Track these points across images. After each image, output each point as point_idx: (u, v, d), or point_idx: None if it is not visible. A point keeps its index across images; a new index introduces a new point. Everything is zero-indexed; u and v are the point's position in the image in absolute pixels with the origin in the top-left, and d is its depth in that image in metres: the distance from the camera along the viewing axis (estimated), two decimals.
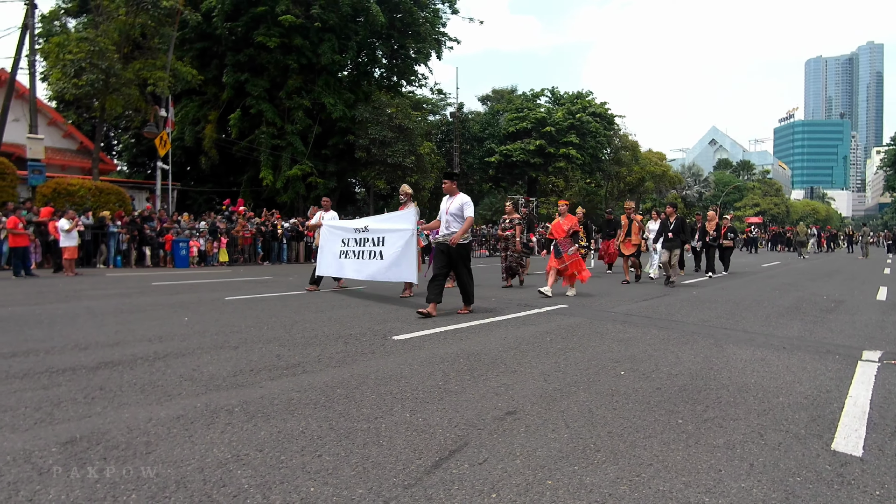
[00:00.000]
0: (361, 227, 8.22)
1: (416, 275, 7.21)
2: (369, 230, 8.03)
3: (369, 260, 8.01)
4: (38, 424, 2.69)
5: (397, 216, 7.89)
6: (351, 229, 8.46)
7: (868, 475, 2.30)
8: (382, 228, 7.86)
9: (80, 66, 16.67)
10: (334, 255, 8.79)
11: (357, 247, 8.26)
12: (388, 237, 7.63)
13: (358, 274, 8.24)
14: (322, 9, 23.38)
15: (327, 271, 8.95)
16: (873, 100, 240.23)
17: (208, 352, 4.34)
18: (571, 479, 2.20)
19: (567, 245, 8.62)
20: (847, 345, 5.06)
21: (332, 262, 8.87)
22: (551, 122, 36.84)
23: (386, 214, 8.08)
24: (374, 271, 7.90)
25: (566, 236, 8.65)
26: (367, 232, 8.07)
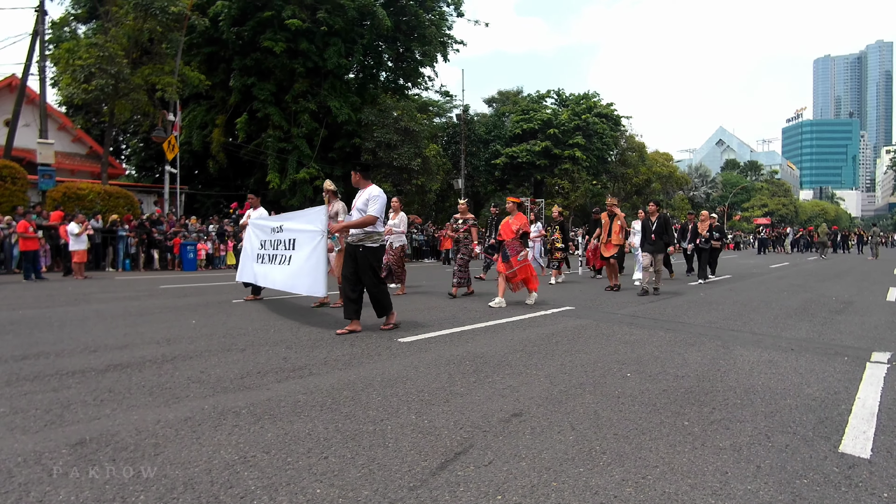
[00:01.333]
0: (277, 227, 6.97)
1: (323, 287, 5.81)
2: (283, 230, 6.79)
3: (277, 265, 6.82)
4: (49, 426, 2.73)
5: (308, 214, 6.51)
6: (269, 229, 7.23)
7: (876, 477, 2.28)
8: (295, 229, 6.54)
9: (90, 71, 16.85)
10: (251, 258, 7.68)
11: (271, 249, 7.09)
12: (298, 239, 6.39)
13: (265, 280, 7.19)
14: (328, 13, 23.50)
15: (244, 276, 7.85)
16: (882, 99, 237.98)
17: (216, 354, 4.37)
18: (577, 481, 2.20)
19: (516, 248, 7.69)
20: (856, 346, 5.02)
21: (248, 267, 7.77)
22: (557, 123, 36.78)
23: (301, 211, 6.93)
24: (278, 279, 6.77)
25: (515, 238, 7.75)
26: (280, 232, 6.85)
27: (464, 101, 52.98)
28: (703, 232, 12.49)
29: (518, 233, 7.77)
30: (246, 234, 8.07)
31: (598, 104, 39.06)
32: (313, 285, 5.93)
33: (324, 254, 5.91)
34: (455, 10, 29.16)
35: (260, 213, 8.24)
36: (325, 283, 5.82)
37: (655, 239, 9.27)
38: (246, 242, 8.02)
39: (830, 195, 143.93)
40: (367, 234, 5.34)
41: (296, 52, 24.03)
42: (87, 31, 23.99)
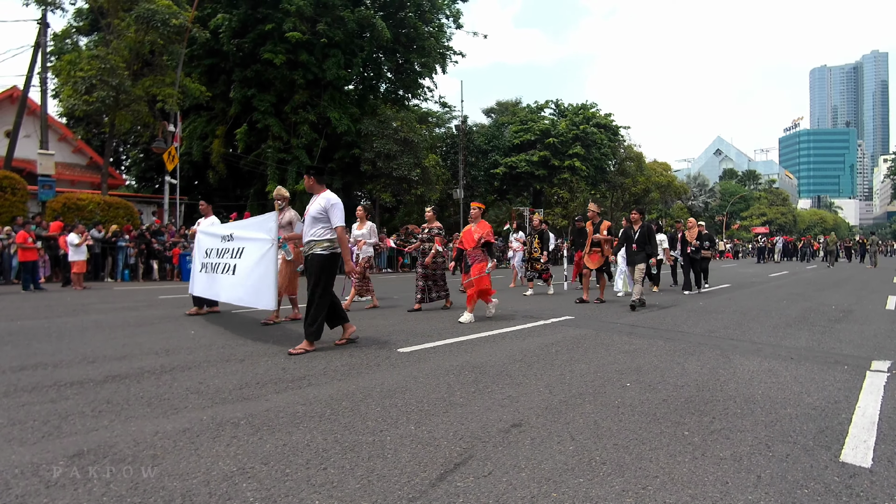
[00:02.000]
0: (227, 235, 6.58)
1: (273, 299, 5.41)
2: (234, 239, 6.38)
3: (221, 274, 6.46)
4: (46, 437, 2.72)
5: (257, 222, 6.12)
6: (219, 237, 6.85)
7: (877, 487, 2.27)
8: (245, 237, 6.14)
9: (91, 83, 16.96)
10: (196, 268, 7.42)
11: (216, 258, 6.73)
12: (247, 248, 6.00)
13: (209, 292, 6.87)
14: (328, 25, 23.72)
15: (192, 288, 7.49)
16: (879, 108, 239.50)
17: (214, 365, 4.36)
18: (577, 492, 2.19)
19: (477, 258, 7.16)
20: (856, 355, 5.01)
21: (195, 278, 7.45)
22: (556, 133, 36.99)
23: (251, 219, 6.50)
24: (223, 290, 6.41)
25: (476, 247, 7.18)
26: (230, 241, 6.44)
27: (463, 111, 53.26)
28: (692, 240, 11.86)
29: (480, 241, 7.19)
30: (195, 243, 7.67)
31: (596, 114, 39.32)
32: (262, 298, 5.54)
33: (273, 264, 5.46)
34: (454, 22, 29.46)
35: (211, 220, 7.74)
36: (276, 295, 5.46)
37: (637, 249, 8.63)
38: (195, 251, 7.64)
39: (828, 204, 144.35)
40: (315, 241, 4.95)
41: (296, 64, 24.22)
42: (88, 43, 24.19)
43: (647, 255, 8.60)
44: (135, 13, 17.67)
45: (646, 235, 8.64)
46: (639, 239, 8.64)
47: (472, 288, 7.05)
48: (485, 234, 7.18)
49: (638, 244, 8.63)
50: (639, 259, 8.59)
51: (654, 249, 8.79)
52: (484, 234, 7.19)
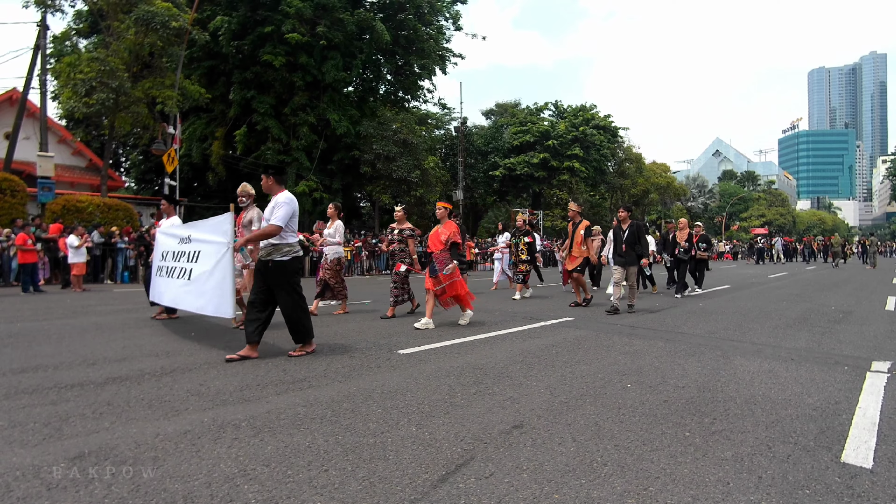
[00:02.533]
0: (185, 237, 6.14)
1: (230, 307, 5.08)
2: (191, 241, 5.97)
3: (176, 279, 6.08)
4: (47, 440, 2.71)
5: (213, 223, 5.72)
6: (177, 238, 6.38)
7: (878, 487, 2.28)
8: (202, 239, 5.75)
9: (91, 85, 16.97)
10: (153, 272, 7.00)
11: (172, 261, 6.33)
12: (203, 252, 5.64)
13: (164, 298, 6.51)
14: (328, 27, 23.75)
15: (151, 294, 7.07)
16: (877, 109, 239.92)
17: (215, 367, 4.36)
18: (578, 493, 2.19)
19: (444, 261, 6.66)
20: (856, 356, 5.01)
21: (153, 283, 7.02)
22: (555, 135, 37.03)
23: (209, 219, 6.06)
24: (177, 296, 6.06)
25: (444, 249, 6.70)
26: (188, 243, 6.02)
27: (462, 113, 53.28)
28: (682, 241, 11.29)
29: (447, 243, 6.72)
30: (155, 244, 7.24)
31: (595, 116, 39.37)
32: (219, 306, 5.18)
33: (230, 269, 5.12)
34: (453, 24, 29.51)
35: (172, 221, 7.24)
36: (234, 303, 5.16)
37: (626, 250, 8.16)
38: (154, 255, 7.21)
39: (828, 205, 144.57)
40: (274, 246, 4.71)
41: (295, 66, 24.24)
42: (88, 45, 24.20)
43: (638, 256, 8.16)
44: (134, 15, 17.68)
45: (635, 235, 8.19)
46: (628, 239, 8.18)
47: (445, 294, 6.62)
48: (451, 235, 6.72)
49: (627, 244, 8.16)
50: (629, 261, 8.15)
51: (645, 249, 8.32)
52: (450, 234, 6.73)
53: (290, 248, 4.78)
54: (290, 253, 4.77)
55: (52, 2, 17.94)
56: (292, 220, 4.81)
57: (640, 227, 8.32)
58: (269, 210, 4.84)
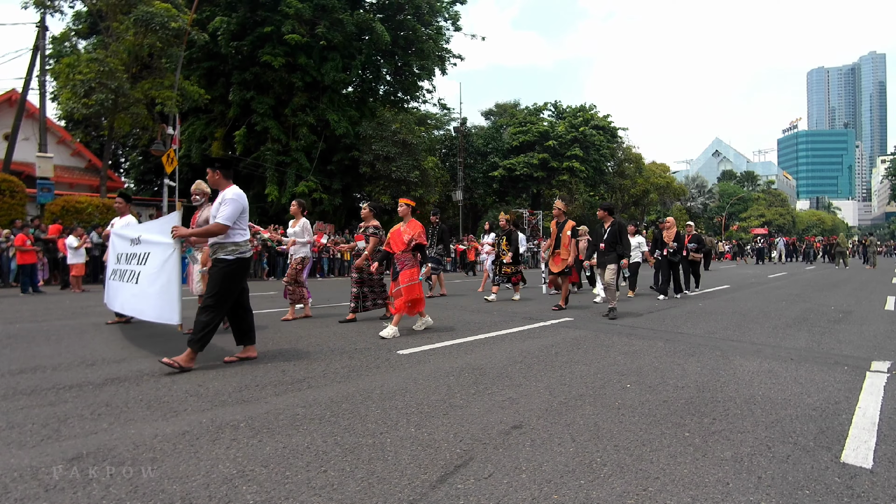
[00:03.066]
0: (136, 237, 5.77)
1: (176, 312, 4.78)
2: (141, 242, 5.61)
3: (125, 283, 5.79)
4: (45, 441, 2.71)
5: (161, 223, 5.57)
6: (128, 239, 6.01)
7: (878, 487, 2.27)
8: (151, 241, 5.42)
9: (90, 86, 16.95)
10: (108, 275, 6.69)
11: (125, 264, 5.99)
12: (152, 253, 5.32)
13: (115, 303, 6.23)
14: (327, 28, 23.75)
15: (105, 297, 6.78)
16: (877, 109, 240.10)
17: (213, 367, 4.35)
18: (578, 494, 2.18)
19: (406, 263, 6.14)
20: (855, 355, 5.01)
21: (107, 286, 6.71)
22: (554, 135, 37.03)
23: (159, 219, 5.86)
24: (126, 301, 5.76)
25: (406, 250, 6.17)
26: (138, 245, 5.67)
27: (461, 113, 53.28)
28: (669, 241, 10.67)
29: (410, 244, 6.19)
30: (109, 246, 6.86)
31: (594, 116, 39.37)
32: (163, 311, 4.94)
33: (176, 273, 4.87)
34: (452, 25, 29.52)
35: (126, 220, 6.78)
36: (180, 308, 4.81)
37: (606, 249, 7.83)
38: (107, 256, 6.88)
39: (827, 205, 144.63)
40: (219, 244, 4.42)
41: (294, 67, 24.25)
42: (87, 46, 24.19)
43: (619, 256, 7.76)
44: (133, 16, 17.67)
45: (616, 234, 7.82)
46: (608, 238, 7.86)
47: (401, 298, 6.06)
48: (416, 236, 6.19)
49: (607, 244, 7.84)
50: (609, 260, 7.79)
51: (626, 250, 7.87)
52: (415, 234, 6.20)
53: (235, 247, 4.43)
54: (235, 252, 4.41)
55: (51, 3, 17.93)
56: (241, 218, 4.49)
57: (621, 226, 7.92)
58: (216, 206, 4.48)
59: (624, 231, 7.91)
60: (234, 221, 4.41)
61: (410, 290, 6.06)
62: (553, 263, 8.87)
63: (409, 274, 6.11)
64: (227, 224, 4.37)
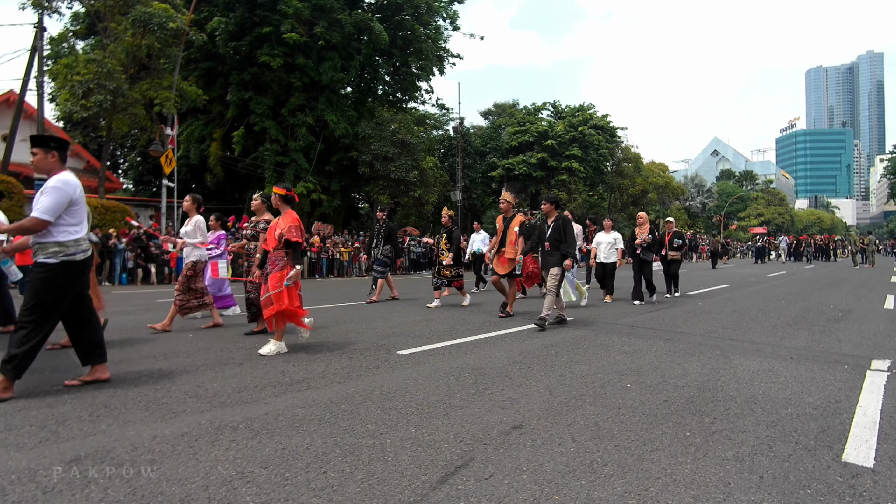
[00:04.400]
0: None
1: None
2: None
3: None
4: (43, 443, 2.69)
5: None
6: None
7: (880, 486, 2.27)
8: None
9: (88, 86, 16.93)
10: None
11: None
12: None
13: None
14: (326, 28, 23.73)
15: None
16: (875, 108, 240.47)
17: (212, 368, 4.34)
18: (579, 494, 2.17)
19: (276, 262, 5.09)
20: (855, 354, 5.01)
21: None
22: (553, 135, 37.03)
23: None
24: None
25: (277, 247, 5.11)
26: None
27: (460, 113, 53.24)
28: (640, 238, 9.49)
29: (281, 240, 5.07)
30: None
31: (593, 116, 39.38)
32: None
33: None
34: (451, 25, 29.48)
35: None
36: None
37: (551, 249, 6.71)
38: None
39: (826, 204, 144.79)
40: (40, 244, 3.58)
41: (293, 67, 24.22)
42: (85, 46, 24.17)
43: (563, 256, 6.61)
44: (132, 17, 17.64)
45: (560, 231, 6.68)
46: (552, 235, 6.72)
47: (270, 308, 4.96)
48: (286, 231, 5.05)
49: (551, 243, 6.72)
50: (552, 261, 6.67)
51: (571, 248, 6.67)
52: (285, 229, 5.06)
53: (59, 248, 3.57)
54: (59, 255, 3.56)
55: (48, 3, 17.90)
56: (70, 212, 3.63)
57: (566, 221, 6.79)
58: (36, 197, 3.59)
59: (569, 227, 6.75)
60: (56, 215, 3.53)
61: (279, 298, 4.95)
62: (498, 264, 7.71)
63: (277, 278, 5.02)
64: (45, 219, 3.48)
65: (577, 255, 7.17)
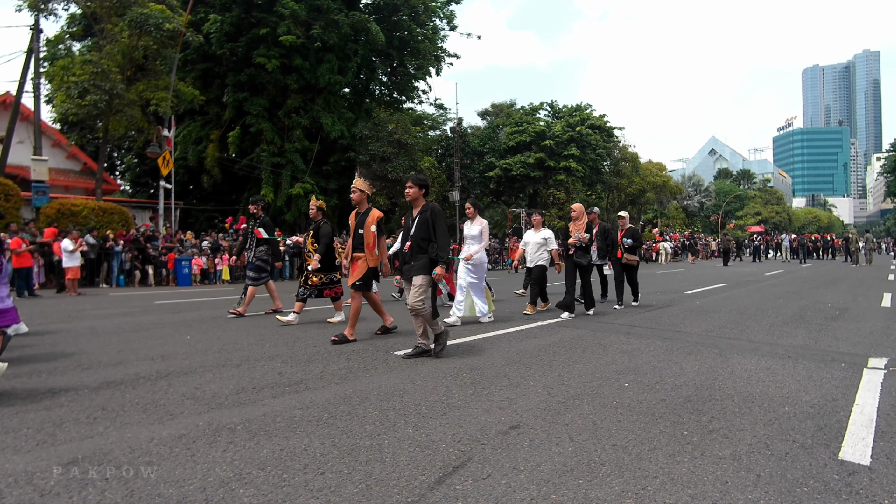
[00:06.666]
0: None
1: None
2: None
3: None
4: (41, 445, 2.69)
5: None
6: None
7: (877, 484, 2.27)
8: None
9: (84, 87, 16.90)
10: None
11: None
12: None
13: None
14: (322, 29, 23.72)
15: None
16: (871, 107, 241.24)
17: (210, 370, 4.33)
18: (577, 494, 2.18)
19: None
20: (852, 352, 5.02)
21: None
22: (551, 135, 37.03)
23: None
24: None
25: None
26: None
27: (458, 113, 53.34)
28: (574, 237, 7.62)
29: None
30: None
31: (591, 116, 39.38)
32: None
33: None
34: (448, 24, 29.50)
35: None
36: None
37: (412, 250, 4.87)
38: None
39: (823, 202, 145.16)
40: None
41: (289, 69, 24.21)
42: (81, 48, 24.13)
43: (431, 263, 4.80)
44: (128, 18, 17.62)
45: (428, 226, 4.85)
46: (416, 233, 4.87)
47: None
48: None
49: (414, 242, 4.88)
50: (416, 268, 4.80)
51: (443, 250, 4.78)
52: None
53: None
54: None
55: (45, 5, 17.86)
56: None
57: (435, 213, 4.88)
58: None
59: (440, 221, 4.86)
60: None
61: None
62: (352, 269, 5.95)
63: None
64: None
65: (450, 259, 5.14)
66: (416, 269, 4.80)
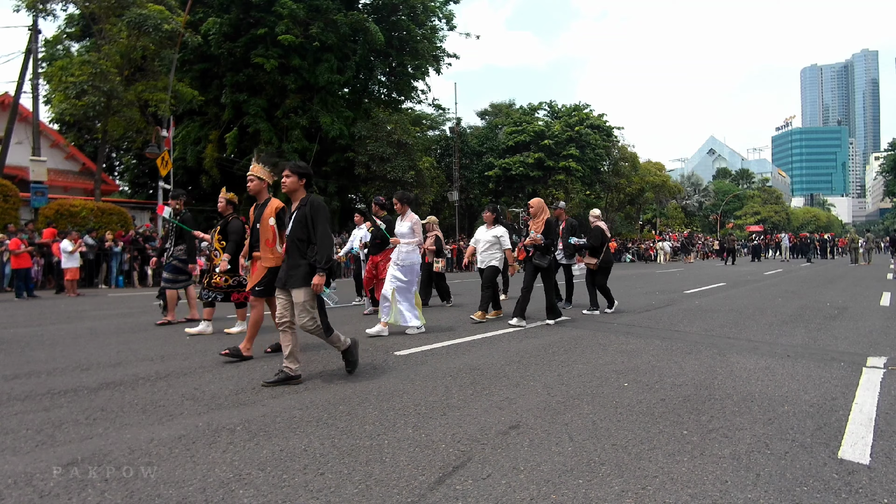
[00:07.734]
0: None
1: None
2: None
3: None
4: (40, 447, 2.68)
5: None
6: None
7: (876, 483, 2.28)
8: None
9: (82, 87, 16.87)
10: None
11: None
12: None
13: None
14: (321, 29, 23.70)
15: None
16: (870, 106, 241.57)
17: (210, 370, 4.33)
18: (576, 494, 2.18)
19: None
20: (851, 351, 5.03)
21: None
22: (550, 135, 37.03)
23: None
24: None
25: None
26: None
27: (457, 113, 53.33)
28: (531, 236, 6.72)
29: None
30: None
31: (589, 115, 39.38)
32: None
33: None
34: (447, 24, 29.48)
35: None
36: None
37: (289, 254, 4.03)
38: None
39: (822, 202, 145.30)
40: None
41: (288, 69, 24.19)
42: (80, 48, 24.07)
43: (311, 269, 3.90)
44: (126, 18, 17.58)
45: (306, 224, 3.98)
46: (293, 233, 4.02)
47: None
48: None
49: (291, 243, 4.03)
50: (293, 279, 3.92)
51: (324, 254, 3.89)
52: None
53: None
54: None
55: (43, 6, 17.82)
56: None
57: (315, 208, 4.01)
58: None
59: (320, 218, 3.99)
60: None
61: None
62: (252, 272, 5.34)
63: None
64: None
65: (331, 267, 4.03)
66: (295, 279, 3.88)
